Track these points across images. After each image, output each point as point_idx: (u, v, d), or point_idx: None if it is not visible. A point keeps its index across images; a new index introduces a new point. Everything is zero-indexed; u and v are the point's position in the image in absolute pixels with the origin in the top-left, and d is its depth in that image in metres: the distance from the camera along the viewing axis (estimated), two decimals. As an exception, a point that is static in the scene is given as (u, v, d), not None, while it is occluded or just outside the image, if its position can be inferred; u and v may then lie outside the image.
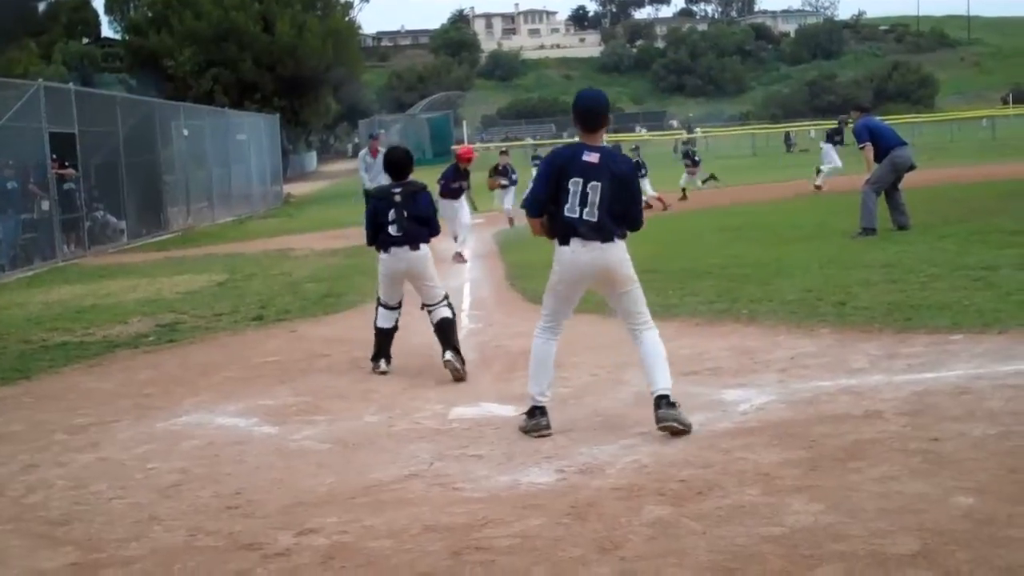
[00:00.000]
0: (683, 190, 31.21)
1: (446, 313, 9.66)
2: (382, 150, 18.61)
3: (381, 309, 9.84)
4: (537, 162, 27.07)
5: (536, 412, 7.32)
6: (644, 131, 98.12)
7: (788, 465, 6.07)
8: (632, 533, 5.20)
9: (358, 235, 12.82)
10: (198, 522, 5.81)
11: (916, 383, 7.66)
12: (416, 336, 10.27)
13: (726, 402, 7.67)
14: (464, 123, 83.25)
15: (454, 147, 23.03)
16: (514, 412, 7.81)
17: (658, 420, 6.96)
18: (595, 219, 7.08)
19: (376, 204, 9.84)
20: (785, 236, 17.97)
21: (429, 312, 9.70)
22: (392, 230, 9.52)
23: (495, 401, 8.32)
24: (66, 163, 23.32)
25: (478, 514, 5.61)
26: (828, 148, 31.44)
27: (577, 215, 7.08)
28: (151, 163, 29.36)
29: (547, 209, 7.28)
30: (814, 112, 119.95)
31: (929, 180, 17.37)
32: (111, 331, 12.81)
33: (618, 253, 7.24)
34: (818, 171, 30.13)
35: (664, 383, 7.09)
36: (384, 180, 10.96)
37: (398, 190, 9.65)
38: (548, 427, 7.24)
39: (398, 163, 9.88)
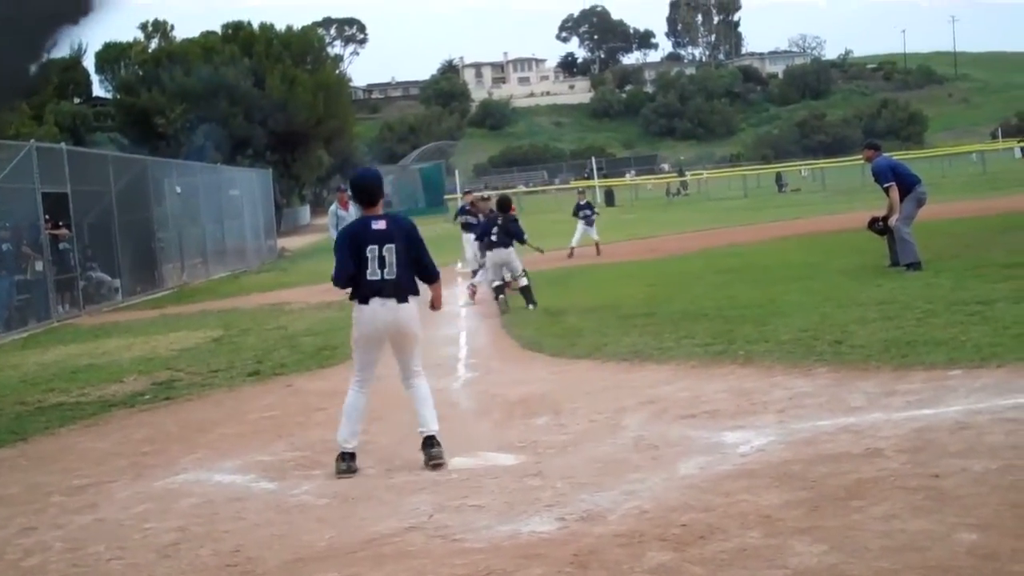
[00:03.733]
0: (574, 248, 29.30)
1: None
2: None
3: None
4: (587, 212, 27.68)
5: (341, 457, 8.00)
6: (633, 173, 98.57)
7: (790, 506, 6.04)
8: (635, 580, 5.16)
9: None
10: (197, 581, 5.77)
11: (915, 420, 7.64)
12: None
13: (725, 444, 7.64)
14: (456, 172, 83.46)
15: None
16: (513, 461, 7.80)
17: (428, 457, 7.92)
18: (395, 277, 7.98)
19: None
20: (780, 276, 17.97)
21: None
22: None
23: (494, 450, 8.28)
24: (60, 223, 23.33)
25: (480, 565, 5.57)
26: None
27: (379, 277, 7.98)
28: (144, 221, 29.38)
29: (355, 278, 8.06)
30: (804, 152, 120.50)
31: (922, 216, 17.39)
32: (107, 390, 12.77)
33: (411, 312, 8.14)
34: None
35: (432, 424, 8.03)
36: None
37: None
38: (350, 470, 7.92)
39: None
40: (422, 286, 8.32)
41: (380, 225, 8.05)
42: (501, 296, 17.77)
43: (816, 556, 5.23)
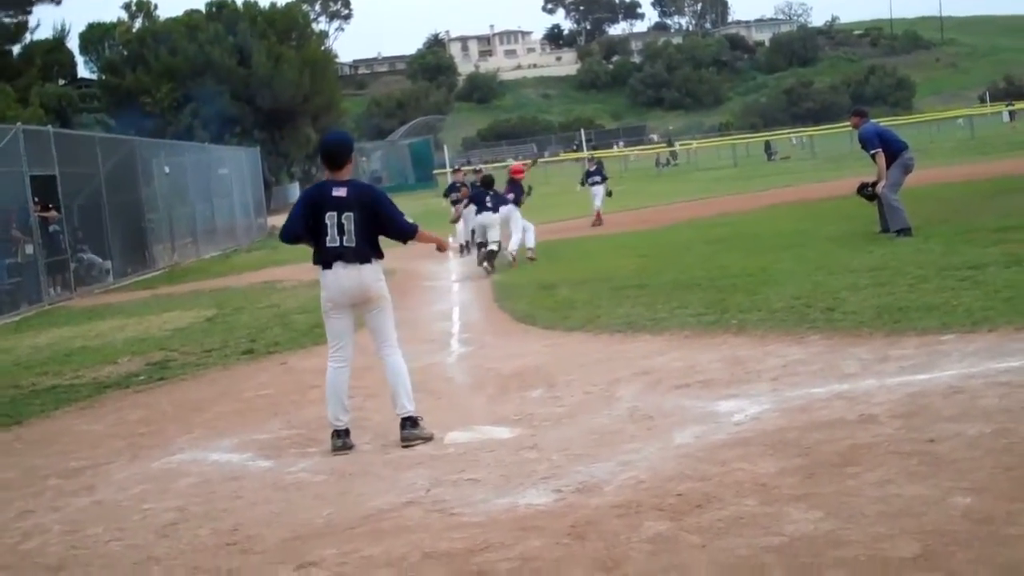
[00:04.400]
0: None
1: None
2: None
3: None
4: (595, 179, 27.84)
5: (335, 435, 8.04)
6: (622, 144, 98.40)
7: (785, 474, 6.06)
8: (632, 550, 5.18)
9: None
10: (197, 561, 5.78)
11: (909, 385, 7.66)
12: (407, 361, 10.22)
13: (720, 413, 7.66)
14: (445, 147, 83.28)
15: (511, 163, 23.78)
16: (509, 434, 7.82)
17: (402, 439, 7.95)
18: (354, 245, 7.95)
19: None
20: (771, 244, 17.99)
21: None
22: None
23: (489, 423, 8.30)
24: (49, 205, 23.26)
25: (477, 538, 5.59)
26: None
27: (338, 243, 7.96)
28: (134, 201, 29.31)
29: (303, 239, 8.19)
30: (793, 119, 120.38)
31: (912, 182, 17.42)
32: (101, 372, 12.76)
33: (373, 273, 8.09)
34: None
35: (407, 405, 8.04)
36: None
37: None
38: (345, 447, 7.97)
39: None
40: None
41: (341, 192, 8.01)
42: (485, 263, 19.33)
43: (812, 523, 5.25)
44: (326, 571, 5.39)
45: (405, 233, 8.26)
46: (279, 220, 43.88)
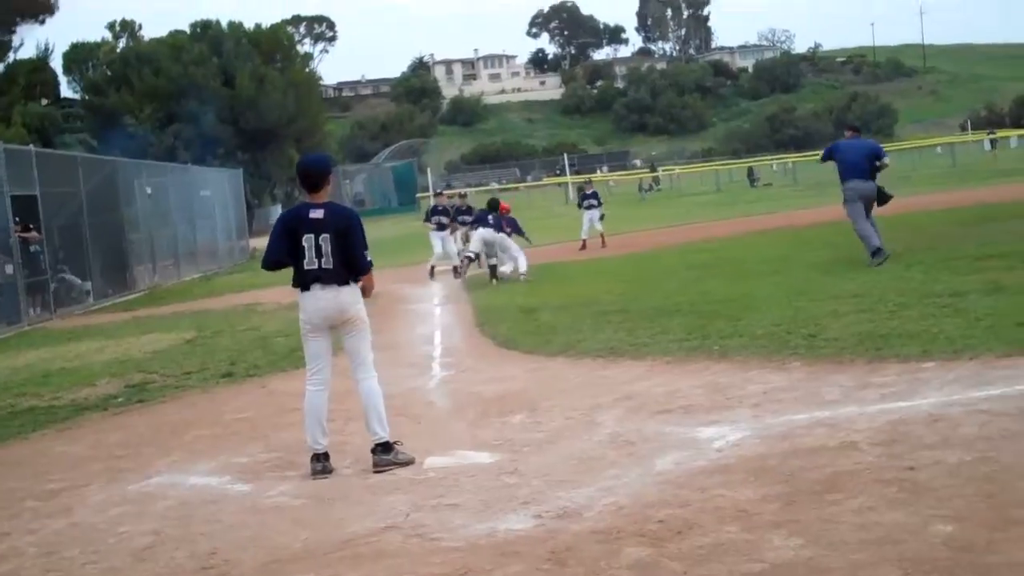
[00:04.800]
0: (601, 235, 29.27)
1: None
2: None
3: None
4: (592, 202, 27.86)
5: (315, 458, 8.00)
6: (606, 169, 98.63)
7: (766, 500, 6.06)
8: (613, 576, 5.17)
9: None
10: (173, 585, 5.74)
11: (890, 412, 7.67)
12: (386, 385, 10.19)
13: (700, 440, 7.65)
14: (428, 170, 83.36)
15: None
16: (489, 459, 7.80)
17: (374, 465, 7.94)
18: (332, 267, 7.99)
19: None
20: (753, 271, 18.01)
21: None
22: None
23: (470, 448, 8.26)
24: (29, 226, 23.16)
25: (457, 563, 5.57)
26: None
27: (316, 266, 7.98)
28: (115, 222, 29.21)
29: (285, 263, 8.19)
30: (776, 146, 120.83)
31: (894, 209, 17.51)
32: (80, 394, 12.69)
33: (351, 294, 8.13)
34: None
35: (379, 431, 8.03)
36: None
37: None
38: (325, 471, 7.94)
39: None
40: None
41: (317, 214, 8.02)
42: (464, 262, 21.68)
43: (793, 550, 5.24)
44: (304, 596, 5.35)
45: (359, 268, 8.17)
46: (261, 242, 43.67)
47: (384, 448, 7.99)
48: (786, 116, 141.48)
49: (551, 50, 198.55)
